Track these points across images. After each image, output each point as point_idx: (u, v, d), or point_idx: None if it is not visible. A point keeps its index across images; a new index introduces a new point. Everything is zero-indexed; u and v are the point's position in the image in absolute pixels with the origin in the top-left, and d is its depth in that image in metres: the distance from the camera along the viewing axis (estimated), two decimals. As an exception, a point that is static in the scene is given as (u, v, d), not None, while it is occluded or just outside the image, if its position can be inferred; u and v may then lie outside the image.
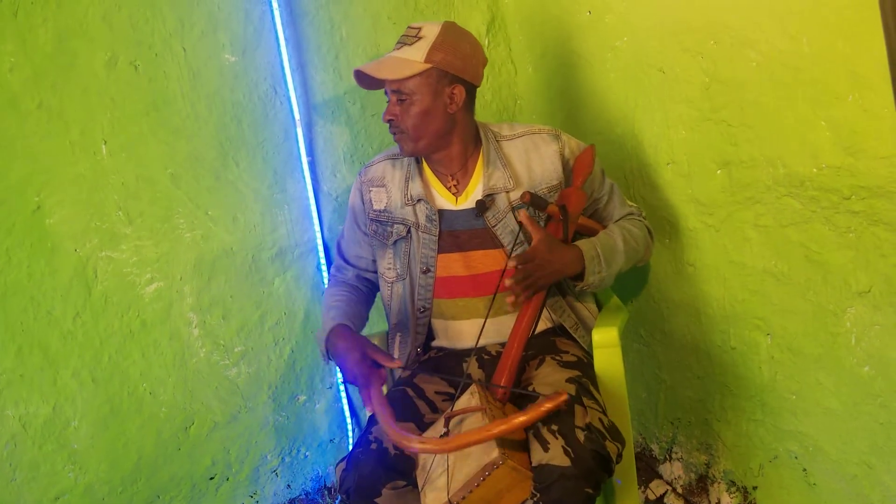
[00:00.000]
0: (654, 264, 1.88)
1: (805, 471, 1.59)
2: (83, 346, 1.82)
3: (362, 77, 1.54)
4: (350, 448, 1.87)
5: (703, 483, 1.90)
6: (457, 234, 1.58)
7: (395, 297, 1.66)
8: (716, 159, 1.59)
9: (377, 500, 1.33)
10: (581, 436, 1.26)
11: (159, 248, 1.89)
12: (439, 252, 1.59)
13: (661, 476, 2.03)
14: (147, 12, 1.83)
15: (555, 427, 1.28)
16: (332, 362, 1.51)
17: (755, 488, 1.75)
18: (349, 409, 2.17)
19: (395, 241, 1.62)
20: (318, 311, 2.08)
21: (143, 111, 1.85)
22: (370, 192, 1.65)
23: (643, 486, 2.00)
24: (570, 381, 1.41)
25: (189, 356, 1.95)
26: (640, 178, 1.85)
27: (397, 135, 1.54)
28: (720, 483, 1.85)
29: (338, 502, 2.12)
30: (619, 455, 1.31)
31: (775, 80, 1.39)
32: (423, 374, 1.60)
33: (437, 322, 1.65)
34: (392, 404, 1.49)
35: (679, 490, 1.96)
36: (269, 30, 1.96)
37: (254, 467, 2.08)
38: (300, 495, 2.15)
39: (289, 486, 2.14)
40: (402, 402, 1.51)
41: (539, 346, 1.58)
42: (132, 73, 1.83)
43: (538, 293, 1.46)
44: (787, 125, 1.39)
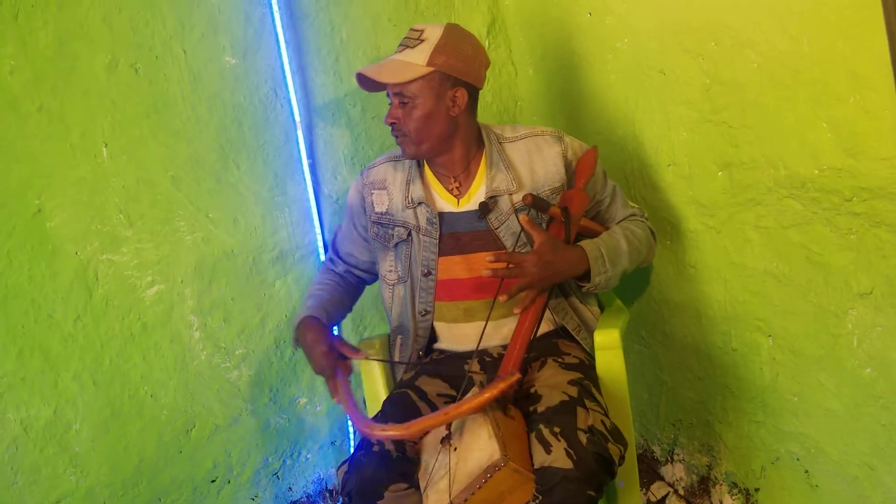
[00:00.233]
0: (656, 266, 1.88)
1: (807, 472, 1.59)
2: (84, 348, 1.82)
3: (364, 79, 1.54)
4: (352, 450, 1.86)
5: (704, 485, 1.90)
6: (459, 235, 1.58)
7: (396, 300, 1.66)
8: (717, 161, 1.59)
9: (379, 502, 1.33)
10: (583, 438, 1.26)
11: (160, 251, 1.89)
12: (440, 255, 1.58)
13: (662, 478, 2.03)
14: (147, 15, 1.83)
15: (557, 429, 1.28)
16: (300, 350, 1.54)
17: (757, 490, 1.75)
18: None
19: (397, 244, 1.62)
20: (319, 314, 2.08)
21: (143, 114, 1.85)
22: (372, 194, 1.65)
23: (645, 488, 2.00)
24: (571, 382, 1.41)
25: (190, 359, 1.95)
26: (640, 180, 1.85)
27: (400, 138, 1.54)
28: (722, 485, 1.85)
29: (339, 505, 2.12)
30: (622, 457, 1.31)
31: (776, 81, 1.39)
32: (424, 376, 1.60)
33: (439, 325, 1.65)
34: (394, 406, 1.50)
35: (681, 492, 1.96)
36: (270, 32, 1.96)
37: (255, 470, 2.08)
38: (301, 498, 2.15)
39: (290, 488, 2.14)
40: (403, 404, 1.50)
41: (541, 348, 1.57)
42: (132, 75, 1.83)
43: (541, 295, 1.45)
44: (788, 126, 1.39)
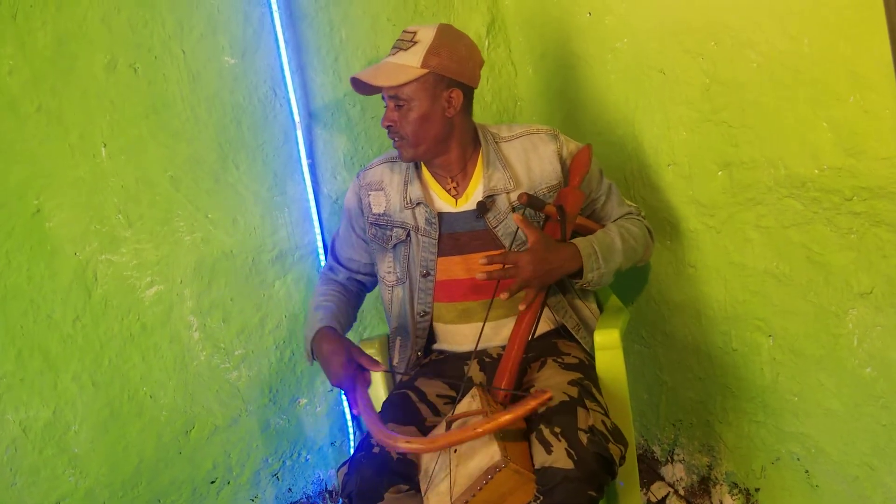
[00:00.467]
0: (655, 265, 1.88)
1: (807, 472, 1.59)
2: (83, 349, 1.82)
3: (359, 83, 1.53)
4: (352, 451, 1.86)
5: (705, 485, 1.90)
6: (457, 235, 1.58)
7: (395, 301, 1.65)
8: (716, 160, 1.59)
9: (379, 503, 1.33)
10: (584, 438, 1.26)
11: (159, 251, 1.89)
12: (439, 255, 1.58)
13: (662, 478, 2.03)
14: (146, 15, 1.83)
15: (557, 429, 1.28)
16: (317, 363, 1.51)
17: (757, 490, 1.75)
18: (350, 413, 2.17)
19: (395, 245, 1.62)
20: (318, 314, 2.07)
21: (142, 114, 1.85)
22: (369, 196, 1.64)
23: (645, 488, 2.00)
24: (571, 383, 1.41)
25: (189, 359, 1.95)
26: (640, 180, 1.84)
27: (397, 141, 1.54)
28: (722, 485, 1.85)
29: (339, 505, 2.12)
30: (623, 457, 1.31)
31: (776, 80, 1.39)
32: (424, 377, 1.60)
33: (438, 325, 1.65)
34: (393, 407, 1.49)
35: (681, 492, 1.96)
36: (269, 32, 1.96)
37: (255, 471, 2.07)
38: (301, 499, 2.15)
39: (290, 489, 2.13)
40: (403, 405, 1.50)
41: (540, 348, 1.57)
42: (131, 75, 1.83)
43: (538, 294, 1.45)
44: (788, 126, 1.39)
